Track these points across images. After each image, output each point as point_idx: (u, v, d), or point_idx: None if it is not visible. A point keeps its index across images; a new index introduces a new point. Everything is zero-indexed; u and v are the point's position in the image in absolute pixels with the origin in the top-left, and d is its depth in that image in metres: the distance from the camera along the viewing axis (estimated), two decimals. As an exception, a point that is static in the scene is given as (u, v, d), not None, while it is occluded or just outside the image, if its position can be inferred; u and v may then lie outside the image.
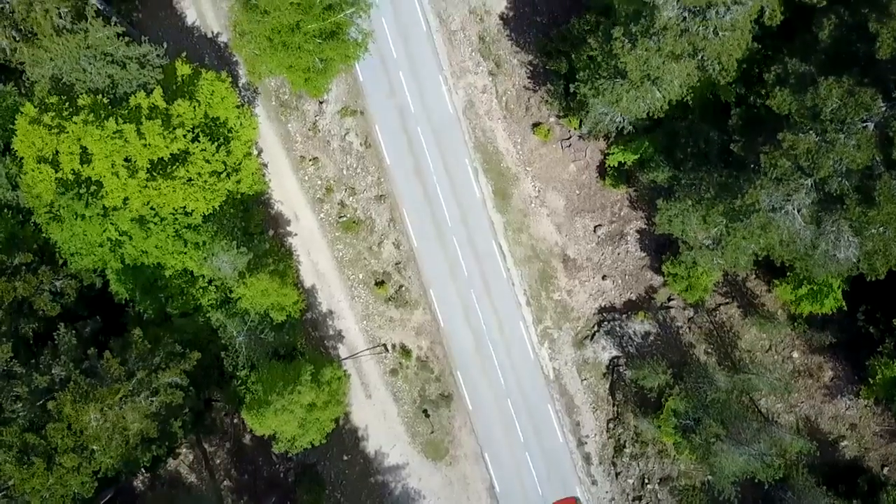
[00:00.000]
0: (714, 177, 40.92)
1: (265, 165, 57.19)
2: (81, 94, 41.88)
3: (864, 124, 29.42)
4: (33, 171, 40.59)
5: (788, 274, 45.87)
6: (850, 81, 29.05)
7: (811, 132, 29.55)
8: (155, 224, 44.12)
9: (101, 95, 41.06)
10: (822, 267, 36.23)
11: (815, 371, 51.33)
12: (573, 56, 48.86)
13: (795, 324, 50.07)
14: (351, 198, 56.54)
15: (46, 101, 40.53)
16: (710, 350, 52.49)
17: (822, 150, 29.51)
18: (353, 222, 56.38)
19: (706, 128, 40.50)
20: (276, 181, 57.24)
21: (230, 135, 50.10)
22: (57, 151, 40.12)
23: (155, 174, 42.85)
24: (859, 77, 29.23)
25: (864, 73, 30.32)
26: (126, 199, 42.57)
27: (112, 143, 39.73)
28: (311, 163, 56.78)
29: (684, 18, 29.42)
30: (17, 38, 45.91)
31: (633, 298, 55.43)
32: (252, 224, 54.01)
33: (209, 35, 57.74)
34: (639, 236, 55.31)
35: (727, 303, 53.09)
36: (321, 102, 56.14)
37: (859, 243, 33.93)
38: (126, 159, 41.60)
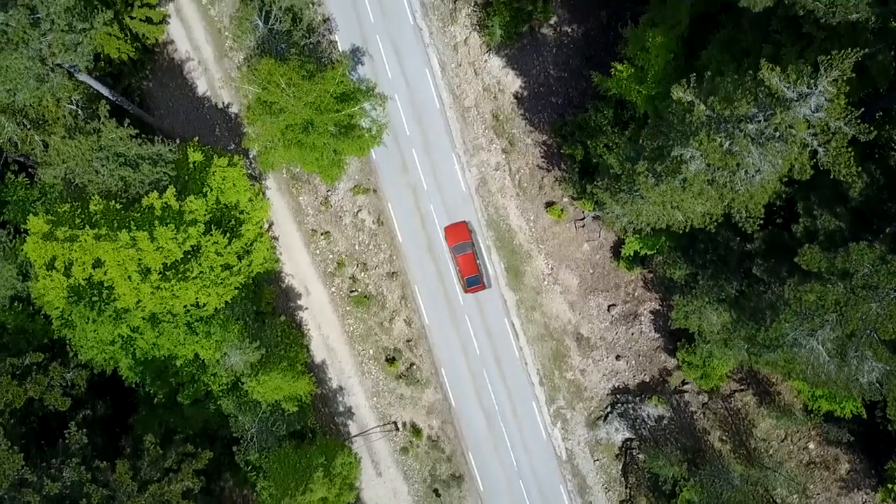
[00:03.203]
0: (734, 284, 40.41)
1: (276, 238, 56.79)
2: (94, 195, 41.42)
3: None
4: (44, 278, 40.15)
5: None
6: (882, 248, 28.53)
7: (840, 285, 29.08)
8: (167, 322, 43.70)
9: (113, 201, 40.57)
10: (844, 390, 35.72)
11: (832, 463, 50.85)
12: (589, 143, 48.39)
13: (812, 415, 49.58)
14: (363, 273, 56.10)
15: (58, 209, 40.07)
16: (724, 437, 52.00)
17: (852, 304, 29.06)
18: (365, 297, 55.95)
19: (727, 234, 39.98)
20: (287, 254, 56.84)
21: (241, 216, 49.78)
22: (69, 261, 39.71)
23: (168, 274, 42.40)
24: (892, 242, 28.67)
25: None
26: (139, 300, 42.12)
27: (125, 253, 39.28)
28: (322, 237, 56.34)
29: (711, 172, 28.93)
30: (28, 126, 45.58)
31: (647, 380, 54.95)
32: (263, 303, 53.73)
33: (220, 105, 57.32)
34: (653, 317, 54.81)
35: (742, 389, 52.58)
36: (333, 179, 55.71)
37: (884, 371, 33.41)
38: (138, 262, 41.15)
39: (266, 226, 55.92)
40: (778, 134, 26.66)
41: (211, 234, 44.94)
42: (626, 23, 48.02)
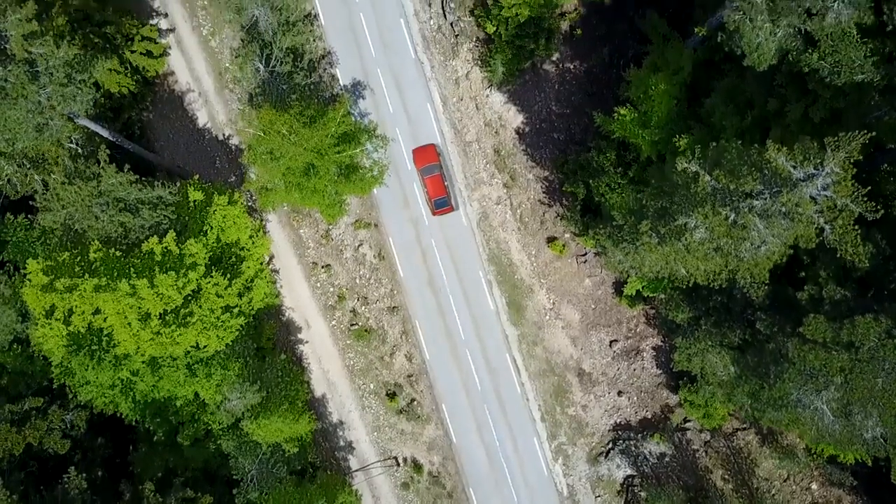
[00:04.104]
0: (737, 332, 40.12)
1: (276, 271, 56.53)
2: (93, 240, 41.16)
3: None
4: (44, 326, 39.91)
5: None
6: (888, 322, 28.30)
7: (845, 355, 28.81)
8: (167, 366, 43.46)
9: (113, 248, 40.30)
10: (847, 445, 35.45)
11: (835, 504, 50.72)
12: (591, 183, 48.14)
13: (814, 456, 49.27)
14: (363, 307, 55.84)
15: (58, 257, 39.81)
16: (727, 476, 51.73)
17: (857, 373, 28.78)
18: (365, 331, 55.69)
19: (731, 283, 39.64)
20: (288, 287, 56.57)
21: (242, 253, 49.54)
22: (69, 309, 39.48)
23: (167, 319, 42.15)
24: (899, 314, 28.50)
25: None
26: (138, 347, 41.88)
27: (125, 301, 39.03)
28: (323, 270, 56.08)
29: (716, 241, 28.64)
30: (28, 166, 45.29)
31: (649, 416, 54.67)
32: (263, 338, 53.49)
33: (220, 137, 57.03)
34: (655, 353, 54.54)
35: (745, 428, 52.31)
36: (334, 213, 55.43)
37: (890, 431, 33.10)
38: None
39: (266, 259, 55.67)
40: (784, 211, 26.42)
41: (211, 276, 44.71)
42: (628, 63, 47.85)
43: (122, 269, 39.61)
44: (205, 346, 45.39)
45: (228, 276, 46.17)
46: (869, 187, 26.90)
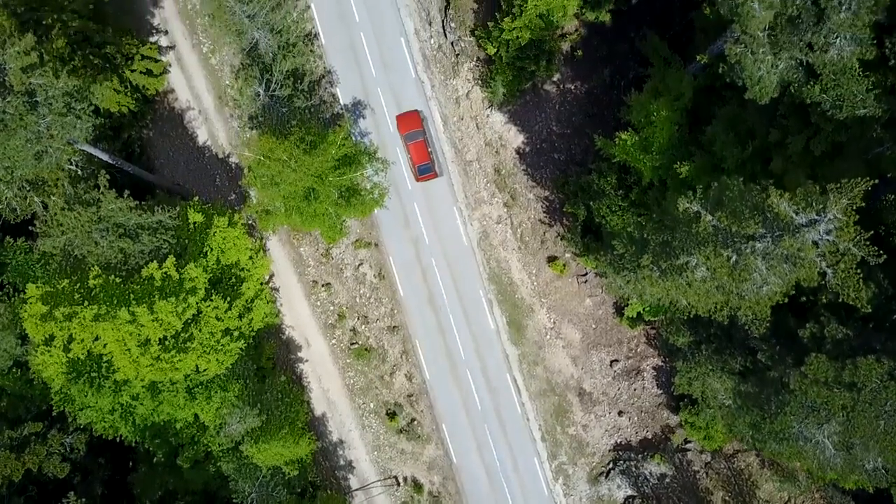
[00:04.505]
0: (738, 360, 40.01)
1: (276, 290, 56.42)
2: (93, 265, 41.06)
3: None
4: (43, 354, 39.81)
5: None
6: (890, 363, 28.18)
7: (847, 395, 28.70)
8: (167, 391, 43.35)
9: (113, 275, 40.19)
10: (848, 475, 35.33)
11: (836, 527, 50.53)
12: (592, 205, 48.02)
13: (815, 479, 49.08)
14: (363, 326, 55.73)
15: (57, 285, 39.70)
16: (727, 498, 51.62)
17: (859, 412, 28.66)
18: (365, 350, 55.58)
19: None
20: (288, 305, 56.46)
21: (242, 274, 49.46)
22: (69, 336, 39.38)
23: (167, 344, 42.06)
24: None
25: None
26: (138, 372, 41.78)
27: (125, 329, 38.93)
28: (323, 288, 55.95)
29: (717, 280, 28.53)
30: (27, 188, 45.17)
31: (650, 437, 54.56)
32: (263, 358, 53.41)
33: (220, 155, 56.90)
34: (656, 373, 54.43)
35: (746, 450, 52.16)
36: (334, 232, 55.31)
37: (890, 464, 33.00)
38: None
39: (266, 277, 55.58)
40: (786, 255, 26.30)
41: (211, 300, 44.61)
42: (629, 84, 47.71)
43: (122, 295, 39.50)
44: (204, 370, 45.31)
45: (228, 298, 46.11)
46: (872, 231, 26.77)
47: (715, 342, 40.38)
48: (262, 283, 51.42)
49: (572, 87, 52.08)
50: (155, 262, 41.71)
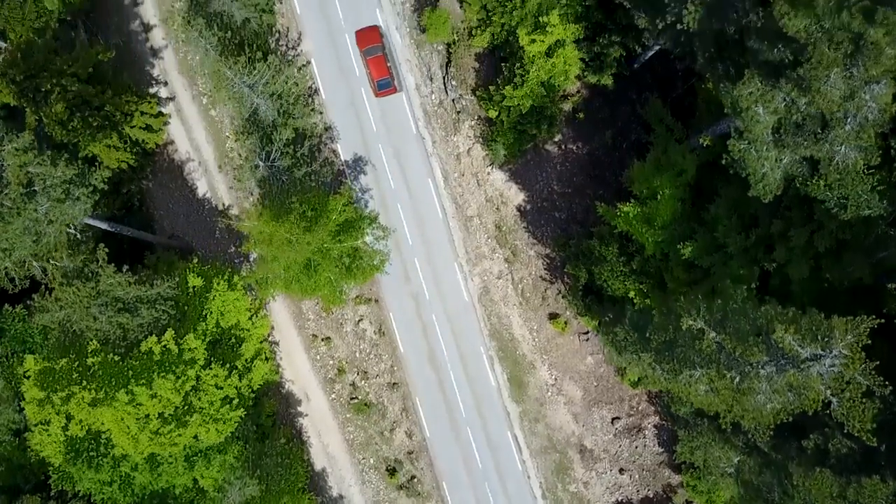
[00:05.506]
0: (741, 437, 39.70)
1: (276, 343, 56.15)
2: (91, 340, 40.81)
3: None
4: (41, 433, 39.56)
5: None
6: (895, 484, 27.96)
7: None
8: (166, 464, 43.11)
9: (111, 353, 39.92)
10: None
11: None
12: (594, 270, 47.78)
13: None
14: (363, 381, 55.48)
15: (55, 364, 39.44)
16: (729, 561, 51.26)
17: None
18: (365, 405, 55.32)
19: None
20: (288, 359, 56.21)
21: (242, 334, 49.22)
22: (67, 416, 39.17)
23: (166, 417, 41.81)
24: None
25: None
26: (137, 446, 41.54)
27: (123, 410, 38.70)
28: (323, 342, 55.70)
29: (720, 395, 28.26)
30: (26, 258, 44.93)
31: (651, 496, 54.28)
32: (263, 416, 53.14)
33: (220, 207, 56.61)
34: (657, 431, 54.15)
35: (748, 513, 51.88)
36: (334, 287, 55.04)
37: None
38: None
39: (266, 334, 55.27)
40: (791, 385, 26.05)
41: (210, 368, 44.39)
42: (631, 147, 47.45)
43: (121, 374, 39.23)
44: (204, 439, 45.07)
45: (228, 364, 45.87)
46: (878, 361, 26.52)
47: (717, 417, 40.03)
48: (261, 342, 51.20)
49: (574, 148, 51.82)
50: (154, 336, 41.45)
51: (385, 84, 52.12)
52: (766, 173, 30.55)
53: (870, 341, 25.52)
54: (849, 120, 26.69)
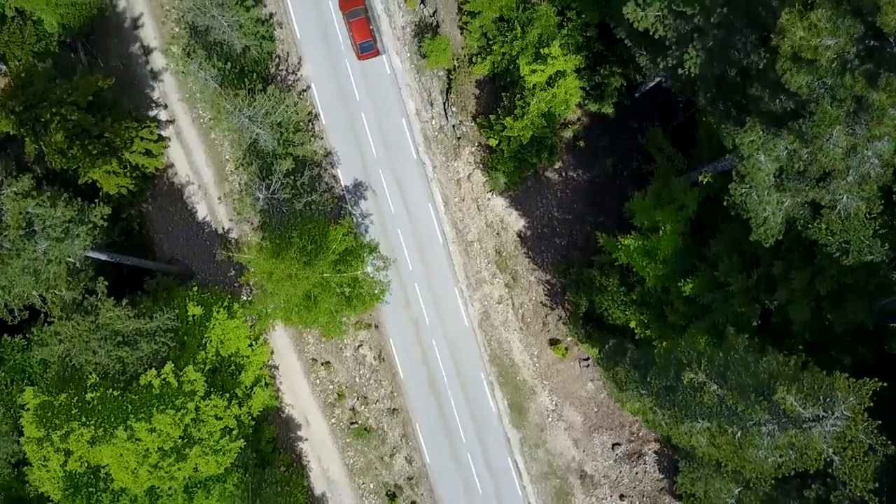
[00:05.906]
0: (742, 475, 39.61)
1: (276, 367, 56.03)
2: (90, 373, 40.73)
3: None
4: (40, 469, 39.48)
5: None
6: None
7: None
8: (166, 497, 43.03)
9: (111, 388, 39.83)
10: None
11: None
12: (595, 299, 47.69)
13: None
14: (363, 406, 55.37)
15: (54, 400, 39.35)
16: (730, 589, 51.15)
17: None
18: (365, 430, 55.21)
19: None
20: (287, 384, 56.07)
21: (242, 362, 49.17)
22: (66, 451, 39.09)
23: (166, 450, 41.73)
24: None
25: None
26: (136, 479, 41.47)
27: (123, 446, 38.62)
28: (322, 367, 55.59)
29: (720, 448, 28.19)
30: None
31: (651, 522, 54.24)
32: (263, 442, 53.06)
33: (220, 231, 56.48)
34: (657, 457, 54.07)
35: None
36: (334, 312, 54.93)
37: None
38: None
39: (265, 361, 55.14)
40: (792, 443, 25.99)
41: (210, 398, 44.31)
42: (632, 175, 47.32)
43: (120, 409, 39.14)
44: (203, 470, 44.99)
45: (227, 394, 45.80)
46: (879, 420, 26.44)
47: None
48: (261, 368, 51.15)
49: (574, 175, 51.74)
50: (153, 369, 41.36)
51: (367, 47, 51.53)
52: (767, 217, 30.46)
53: (871, 404, 25.48)
54: (851, 172, 26.59)
